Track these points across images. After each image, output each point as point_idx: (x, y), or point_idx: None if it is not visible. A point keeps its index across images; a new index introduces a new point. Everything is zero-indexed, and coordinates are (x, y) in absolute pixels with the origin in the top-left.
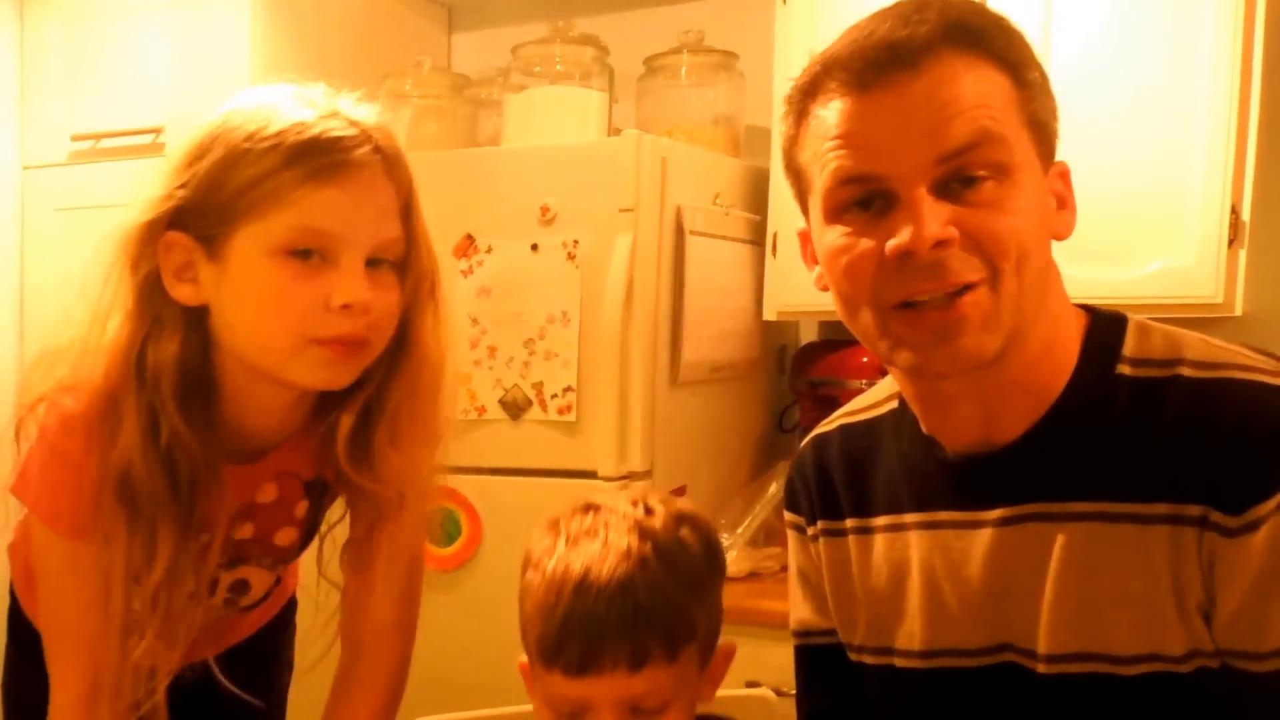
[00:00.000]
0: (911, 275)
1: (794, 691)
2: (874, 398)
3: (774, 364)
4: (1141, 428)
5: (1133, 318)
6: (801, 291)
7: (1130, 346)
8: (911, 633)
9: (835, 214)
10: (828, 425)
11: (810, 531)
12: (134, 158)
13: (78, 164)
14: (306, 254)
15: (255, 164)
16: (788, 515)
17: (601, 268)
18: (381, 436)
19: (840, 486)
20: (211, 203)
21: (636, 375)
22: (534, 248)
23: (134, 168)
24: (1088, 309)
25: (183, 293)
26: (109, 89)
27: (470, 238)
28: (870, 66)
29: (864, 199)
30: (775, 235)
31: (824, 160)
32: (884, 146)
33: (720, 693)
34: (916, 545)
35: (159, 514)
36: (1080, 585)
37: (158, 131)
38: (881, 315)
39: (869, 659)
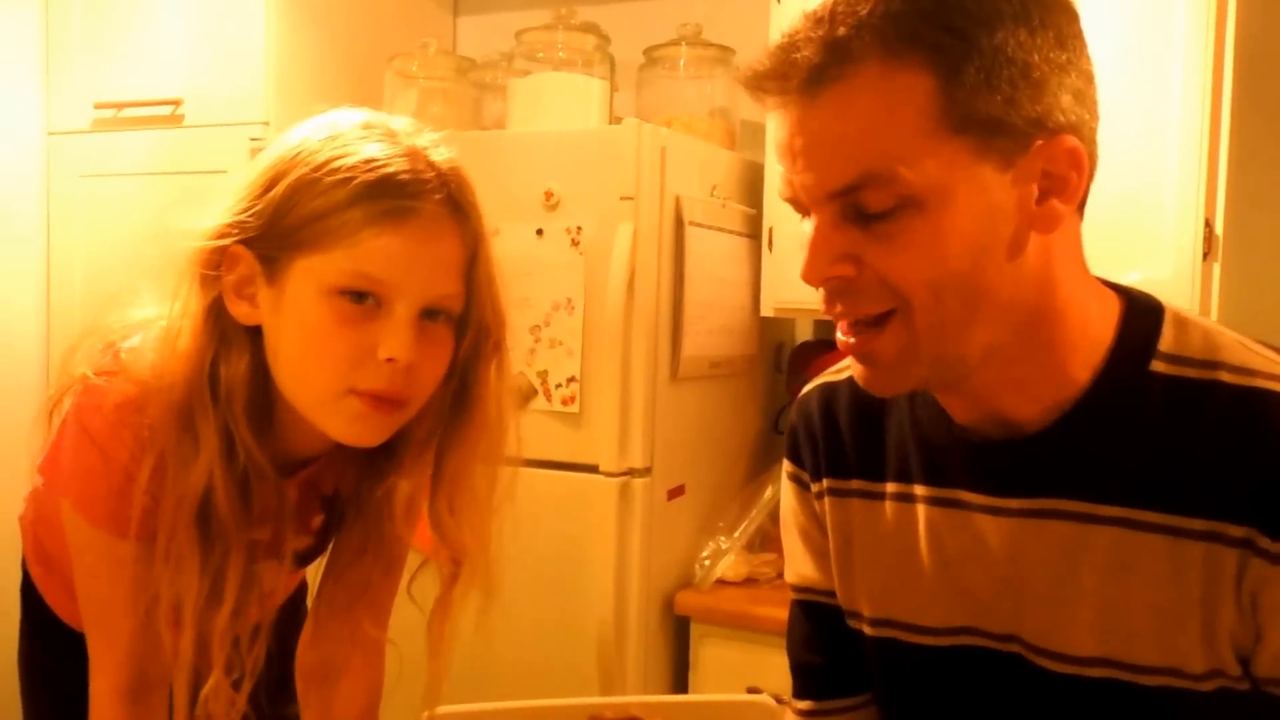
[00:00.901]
0: (826, 296)
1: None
2: None
3: (771, 362)
4: (1177, 434)
5: (1169, 307)
6: (797, 288)
7: (1167, 341)
8: (919, 608)
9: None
10: (836, 375)
11: (815, 488)
12: (153, 128)
13: (101, 132)
14: (359, 297)
15: (322, 196)
16: (788, 466)
17: (604, 255)
18: (440, 503)
19: (849, 443)
20: (277, 227)
21: (638, 368)
22: (539, 233)
23: (154, 137)
24: (1121, 291)
25: (240, 309)
26: (130, 59)
27: None
28: (779, 83)
29: (804, 214)
30: (771, 230)
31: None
32: (792, 174)
33: (720, 698)
34: (926, 519)
35: (232, 542)
36: (1103, 590)
37: (176, 103)
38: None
39: (868, 629)
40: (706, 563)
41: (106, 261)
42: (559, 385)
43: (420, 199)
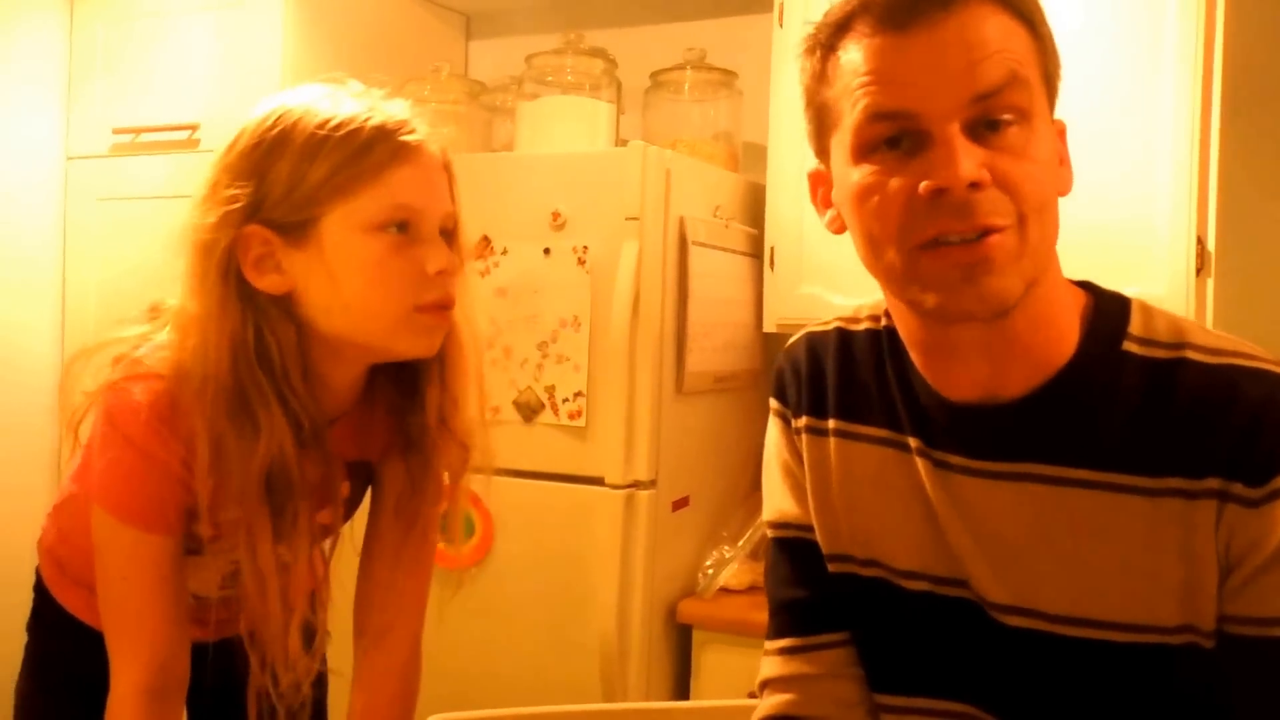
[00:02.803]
0: (941, 214)
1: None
2: (874, 309)
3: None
4: (1151, 405)
5: (1134, 298)
6: (800, 304)
7: (1136, 325)
8: (904, 553)
9: (863, 152)
10: (824, 326)
11: (795, 424)
12: (171, 152)
13: (118, 156)
14: (399, 228)
15: (338, 150)
16: (773, 404)
17: (610, 274)
18: (447, 401)
19: (830, 386)
20: (296, 193)
21: (643, 383)
22: (546, 252)
23: (171, 162)
24: (1085, 285)
25: (268, 282)
26: (150, 86)
27: (486, 239)
28: (904, 6)
29: (894, 137)
30: (773, 249)
31: (854, 96)
32: (918, 84)
33: (720, 703)
34: (914, 471)
35: (300, 503)
36: (1079, 551)
37: (194, 128)
38: (908, 255)
39: (861, 570)
40: (710, 571)
41: (121, 284)
42: (565, 400)
43: (415, 134)
